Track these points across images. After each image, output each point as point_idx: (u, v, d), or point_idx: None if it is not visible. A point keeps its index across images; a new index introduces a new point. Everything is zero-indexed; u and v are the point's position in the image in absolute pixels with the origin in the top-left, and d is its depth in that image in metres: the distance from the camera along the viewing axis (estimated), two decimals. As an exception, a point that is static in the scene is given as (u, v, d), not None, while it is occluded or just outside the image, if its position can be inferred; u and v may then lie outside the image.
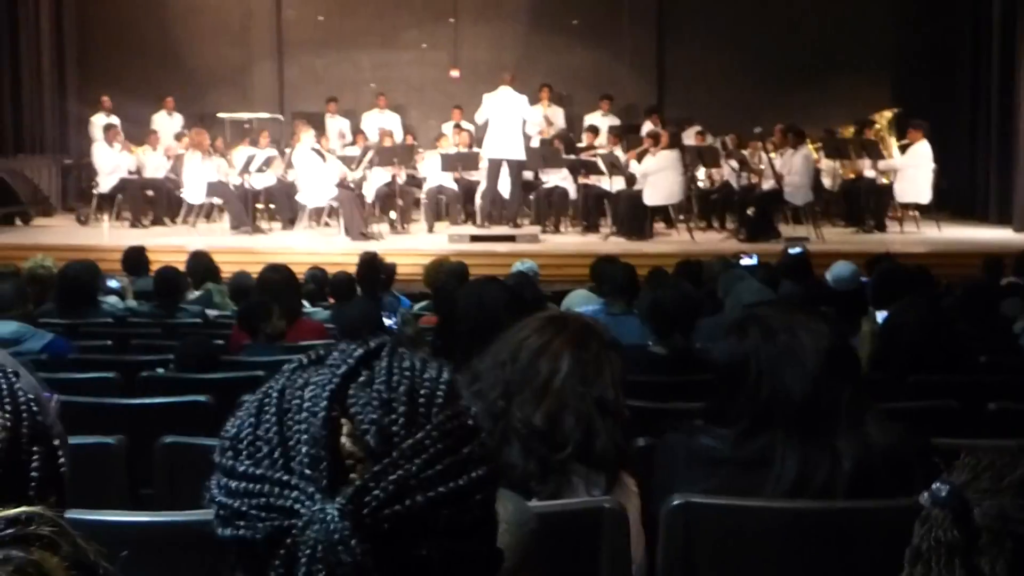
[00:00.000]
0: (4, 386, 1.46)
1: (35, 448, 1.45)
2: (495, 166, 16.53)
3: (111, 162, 18.24)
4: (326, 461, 1.16)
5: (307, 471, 1.16)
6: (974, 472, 1.79)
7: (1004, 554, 1.72)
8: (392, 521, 1.15)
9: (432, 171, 18.08)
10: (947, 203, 19.30)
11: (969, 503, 1.74)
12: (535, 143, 18.43)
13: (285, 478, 1.16)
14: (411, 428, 1.19)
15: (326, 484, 1.15)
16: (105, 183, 18.33)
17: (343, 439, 1.18)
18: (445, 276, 9.85)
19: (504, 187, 16.75)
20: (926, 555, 1.75)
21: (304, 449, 1.17)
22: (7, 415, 1.43)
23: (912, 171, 16.95)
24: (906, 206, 17.63)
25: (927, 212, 17.69)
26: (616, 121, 20.28)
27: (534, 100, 19.06)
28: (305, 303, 9.21)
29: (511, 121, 16.39)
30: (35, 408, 1.47)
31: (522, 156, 16.65)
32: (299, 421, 1.19)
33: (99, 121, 19.28)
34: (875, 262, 9.71)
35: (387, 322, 7.03)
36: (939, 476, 1.82)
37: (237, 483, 1.19)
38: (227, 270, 11.24)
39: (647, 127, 19.17)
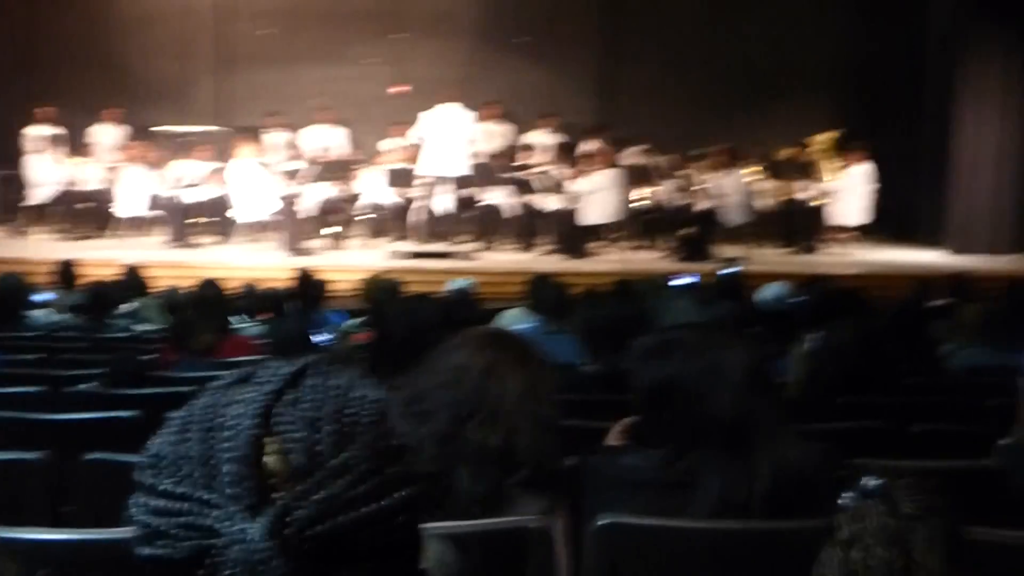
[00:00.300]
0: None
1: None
2: (433, 183, 16.53)
3: (46, 173, 18.04)
4: (249, 480, 1.15)
5: (229, 490, 1.15)
6: (891, 477, 1.88)
7: (937, 541, 1.80)
8: (315, 541, 1.14)
9: (370, 187, 18.04)
10: (883, 225, 19.52)
11: (896, 497, 1.82)
12: (475, 160, 18.46)
13: (207, 497, 1.15)
14: (337, 448, 1.18)
15: (248, 503, 1.14)
16: (38, 195, 18.12)
17: (268, 458, 1.17)
18: (380, 292, 9.83)
19: (442, 204, 16.75)
20: (863, 540, 1.81)
21: (227, 468, 1.16)
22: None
23: (848, 193, 17.14)
24: (840, 228, 17.79)
25: (861, 234, 17.87)
26: (556, 139, 20.33)
27: (481, 117, 19.10)
28: (238, 318, 9.15)
29: (450, 138, 16.39)
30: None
31: (460, 172, 16.65)
32: (223, 439, 1.17)
33: (33, 132, 19.06)
34: (808, 284, 9.80)
35: (321, 338, 7.01)
36: (851, 484, 1.90)
37: (158, 501, 1.18)
38: (160, 284, 11.16)
39: (587, 146, 19.27)
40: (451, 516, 2.69)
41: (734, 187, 16.58)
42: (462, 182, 17.05)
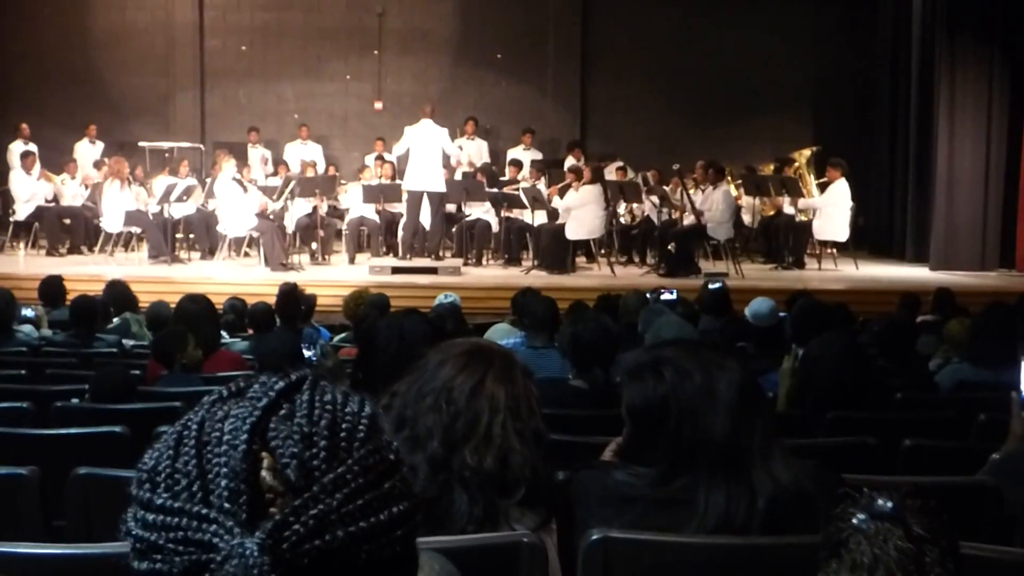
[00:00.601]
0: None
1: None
2: (415, 198, 16.53)
3: (28, 190, 18.01)
4: (245, 495, 1.14)
5: (226, 505, 1.14)
6: (900, 497, 1.86)
7: (947, 563, 1.79)
8: (312, 556, 1.13)
9: (354, 202, 18.07)
10: (865, 241, 19.60)
11: (909, 519, 1.80)
12: (458, 176, 18.51)
13: (203, 511, 1.14)
14: (332, 462, 1.17)
15: (245, 518, 1.13)
16: (22, 211, 18.10)
17: (263, 473, 1.16)
18: (366, 307, 9.80)
19: (425, 219, 16.75)
20: (888, 567, 1.79)
21: (223, 483, 1.15)
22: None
23: (830, 209, 17.14)
24: (824, 243, 17.81)
25: (845, 250, 17.91)
26: (539, 155, 20.41)
27: (459, 133, 19.17)
28: (224, 334, 9.13)
29: (431, 153, 16.40)
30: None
31: (442, 188, 16.66)
32: (219, 454, 1.16)
33: (16, 148, 19.03)
34: (794, 299, 9.80)
35: (306, 353, 6.99)
36: (852, 503, 1.87)
37: (154, 516, 1.16)
38: (145, 300, 11.13)
39: (570, 162, 19.31)
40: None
41: (719, 202, 16.58)
42: (445, 197, 17.06)
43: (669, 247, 16.68)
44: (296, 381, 1.24)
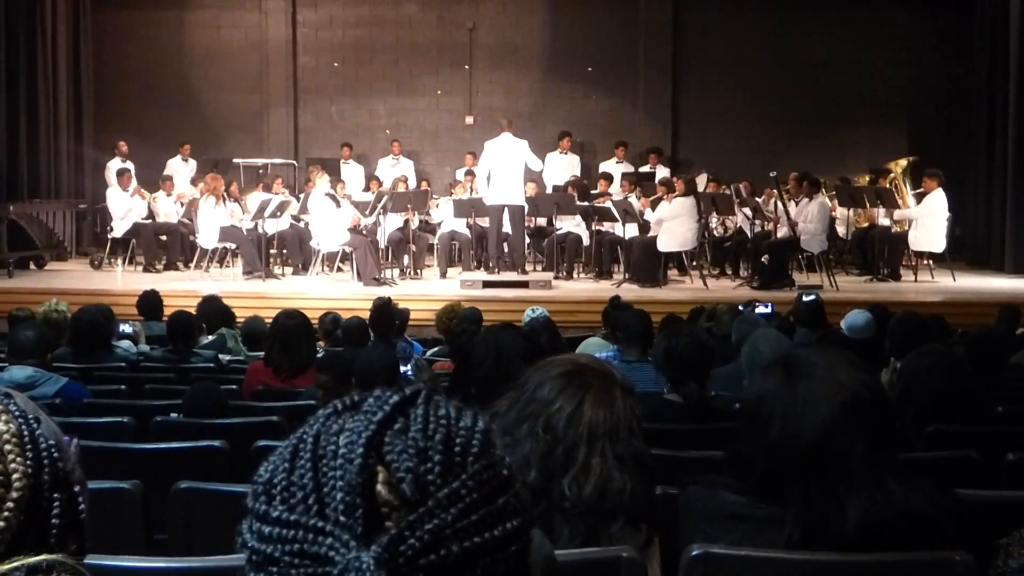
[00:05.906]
0: (26, 433, 1.45)
1: (56, 495, 1.44)
2: (496, 212, 16.53)
3: (123, 207, 18.30)
4: (361, 508, 1.14)
5: (342, 518, 1.14)
6: None
7: None
8: (427, 571, 1.13)
9: (445, 217, 18.16)
10: (962, 252, 19.29)
11: None
12: (549, 189, 18.53)
13: (320, 524, 1.14)
14: (447, 477, 1.17)
15: (361, 532, 1.13)
16: (118, 228, 18.39)
17: (379, 487, 1.16)
18: (461, 322, 9.83)
19: (514, 233, 16.74)
20: None
21: (339, 496, 1.15)
22: (29, 462, 1.43)
23: (927, 220, 16.90)
24: (920, 254, 17.59)
25: (942, 261, 17.65)
26: (630, 168, 20.38)
27: (553, 147, 19.24)
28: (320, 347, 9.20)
29: (512, 167, 16.37)
30: (56, 454, 1.46)
31: (522, 202, 16.63)
32: (334, 467, 1.17)
33: (114, 166, 19.36)
34: (891, 311, 9.68)
35: (401, 368, 7.00)
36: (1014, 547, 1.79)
37: (270, 528, 1.17)
38: (240, 315, 11.25)
39: (649, 168, 19.34)
40: None
41: (815, 214, 16.41)
42: (536, 211, 17.05)
43: (763, 259, 16.54)
44: (411, 395, 1.24)
